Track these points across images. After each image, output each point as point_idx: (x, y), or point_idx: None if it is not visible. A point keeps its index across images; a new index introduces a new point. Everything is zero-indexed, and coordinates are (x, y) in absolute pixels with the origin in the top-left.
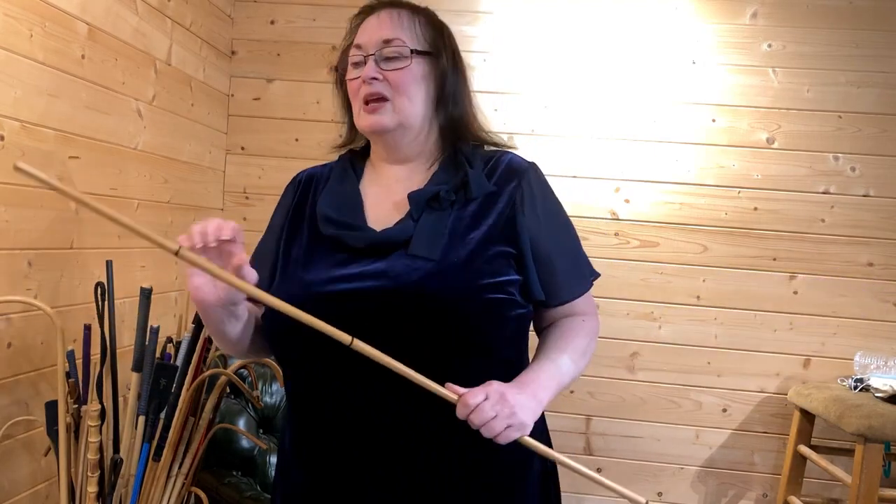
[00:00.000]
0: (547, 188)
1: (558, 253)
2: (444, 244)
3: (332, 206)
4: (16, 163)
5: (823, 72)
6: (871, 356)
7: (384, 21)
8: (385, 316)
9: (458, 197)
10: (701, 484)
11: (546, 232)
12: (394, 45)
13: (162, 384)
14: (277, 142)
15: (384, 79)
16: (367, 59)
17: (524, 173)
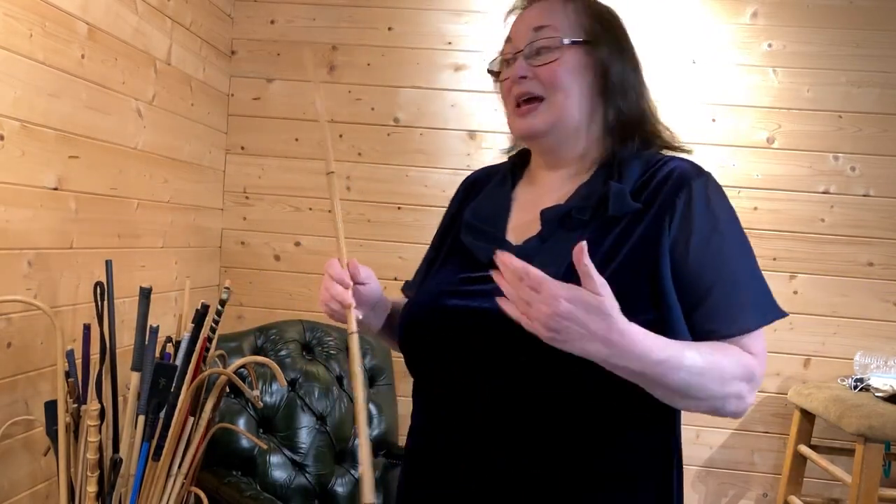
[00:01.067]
0: (714, 203)
1: (715, 278)
2: (564, 271)
3: (478, 213)
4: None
5: (823, 72)
6: (871, 356)
7: (534, 10)
8: (481, 339)
9: (597, 216)
10: (701, 484)
11: (699, 252)
12: (544, 33)
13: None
14: (277, 142)
15: (535, 76)
16: (517, 55)
17: (687, 185)
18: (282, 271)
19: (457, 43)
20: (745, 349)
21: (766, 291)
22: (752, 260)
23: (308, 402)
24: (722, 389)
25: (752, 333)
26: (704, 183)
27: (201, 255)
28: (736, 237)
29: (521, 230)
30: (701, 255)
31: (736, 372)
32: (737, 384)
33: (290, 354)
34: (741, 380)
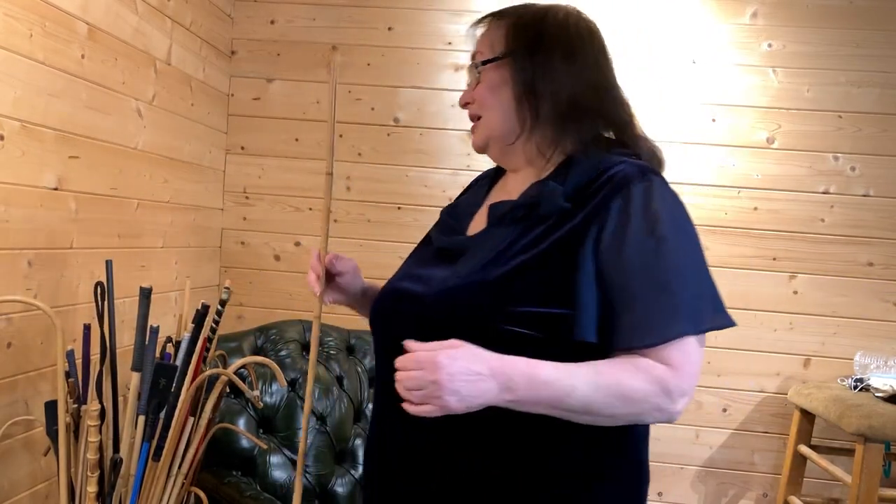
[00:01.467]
0: (655, 208)
1: (642, 286)
2: (485, 261)
3: (454, 209)
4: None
5: (823, 72)
6: (871, 356)
7: (476, 38)
8: (410, 320)
9: (532, 214)
10: (701, 484)
11: (628, 260)
12: (475, 60)
13: (161, 384)
14: (277, 142)
15: (472, 100)
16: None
17: (625, 189)
18: (282, 271)
19: (457, 43)
20: (663, 361)
21: (704, 298)
22: (690, 266)
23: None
24: (629, 408)
25: (676, 342)
26: (646, 187)
27: (201, 255)
28: (674, 242)
29: (477, 225)
30: (631, 262)
31: (643, 388)
32: (650, 399)
33: (290, 354)
34: (654, 395)
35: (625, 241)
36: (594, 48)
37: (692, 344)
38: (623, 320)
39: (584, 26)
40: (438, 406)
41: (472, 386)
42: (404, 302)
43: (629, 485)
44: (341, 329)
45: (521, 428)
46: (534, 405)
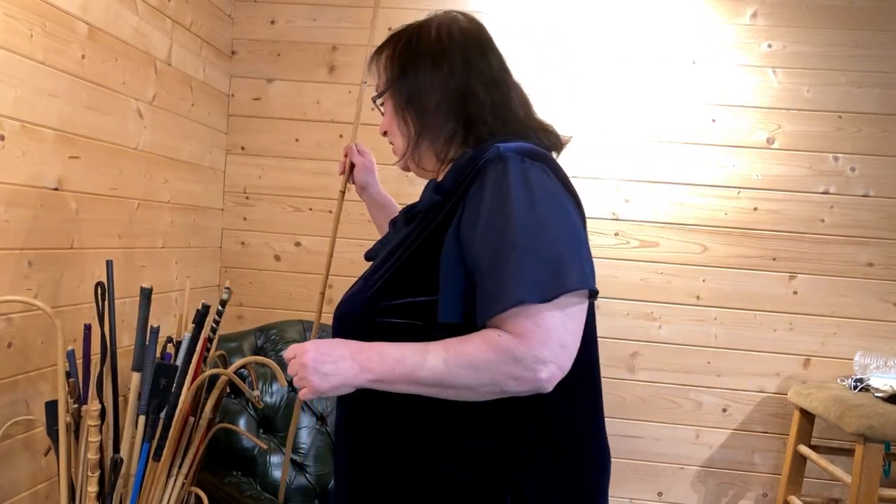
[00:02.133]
0: (509, 183)
1: (489, 261)
2: (377, 264)
3: (409, 210)
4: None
5: (823, 72)
6: (871, 356)
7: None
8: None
9: (415, 213)
10: (701, 484)
11: (480, 238)
12: (372, 96)
13: (162, 384)
14: (277, 142)
15: (385, 131)
16: None
17: (483, 171)
18: (282, 271)
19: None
20: (508, 329)
21: (552, 265)
22: (537, 236)
23: (308, 403)
24: (481, 377)
25: (520, 310)
26: (503, 166)
27: (201, 255)
28: (520, 215)
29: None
30: (482, 239)
31: (487, 356)
32: (499, 368)
33: None
34: (502, 363)
35: (478, 220)
36: (465, 49)
37: (544, 311)
38: (478, 295)
39: (455, 31)
40: (308, 387)
41: (334, 366)
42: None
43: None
44: None
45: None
46: (392, 382)
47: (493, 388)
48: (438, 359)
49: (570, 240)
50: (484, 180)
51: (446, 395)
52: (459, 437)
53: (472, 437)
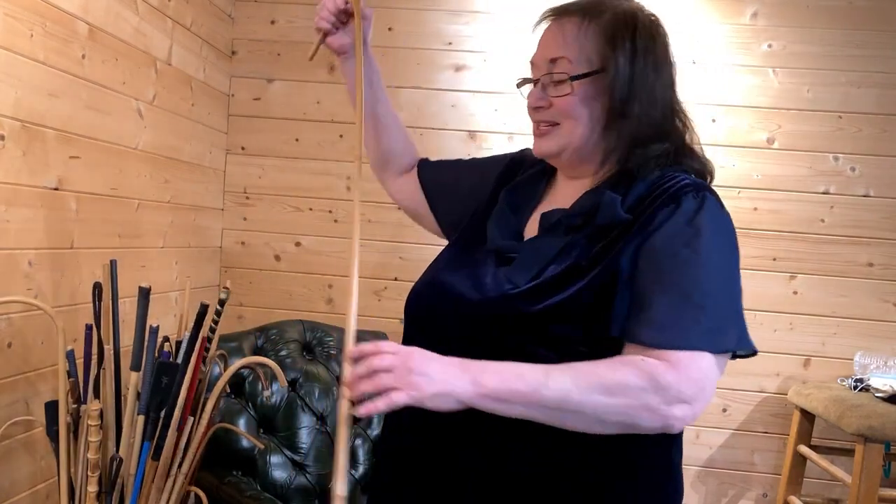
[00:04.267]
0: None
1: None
2: (534, 272)
3: (509, 200)
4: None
5: (823, 72)
6: (871, 356)
7: (551, 37)
8: (458, 319)
9: (588, 223)
10: (701, 484)
11: (659, 262)
12: (558, 66)
13: (164, 383)
14: (277, 142)
15: (549, 105)
16: (536, 83)
17: (677, 199)
18: (282, 271)
19: (457, 43)
20: (664, 359)
21: (729, 321)
22: (722, 286)
23: (308, 402)
24: (613, 403)
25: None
26: (699, 201)
27: (201, 255)
28: (709, 258)
29: (532, 229)
30: (661, 263)
31: (627, 380)
32: (637, 394)
33: (290, 354)
34: (642, 389)
35: (661, 243)
36: (671, 56)
37: (708, 360)
38: (640, 315)
39: (664, 31)
40: (408, 388)
41: (442, 371)
42: (450, 300)
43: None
44: (341, 329)
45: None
46: (508, 401)
47: (622, 419)
48: (565, 378)
49: (739, 299)
50: (677, 209)
51: (564, 423)
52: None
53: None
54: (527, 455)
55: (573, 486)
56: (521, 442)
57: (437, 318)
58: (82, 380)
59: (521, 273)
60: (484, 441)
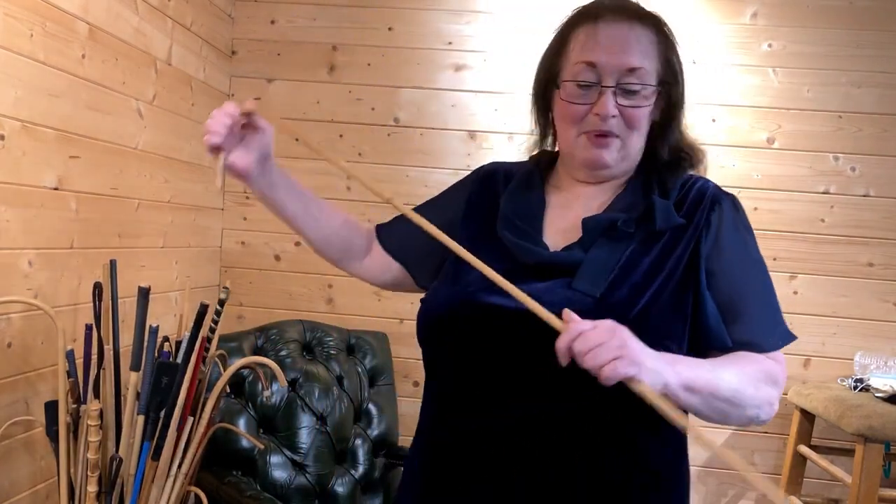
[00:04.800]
0: (742, 225)
1: (748, 292)
2: (610, 280)
3: (514, 210)
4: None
5: (823, 72)
6: (871, 356)
7: (630, 40)
8: (524, 344)
9: (640, 228)
10: (701, 484)
11: (731, 266)
12: (637, 76)
13: (164, 383)
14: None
15: (619, 115)
16: (604, 89)
17: (718, 205)
18: (282, 271)
19: (457, 43)
20: (771, 358)
21: (782, 316)
22: (772, 283)
23: (308, 402)
24: (757, 394)
25: (781, 352)
26: (733, 204)
27: (201, 255)
28: (761, 260)
29: (558, 236)
30: (736, 272)
31: (762, 377)
32: (767, 389)
33: (290, 354)
34: (768, 384)
35: (724, 254)
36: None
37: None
38: (737, 326)
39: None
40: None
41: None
42: (514, 322)
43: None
44: (341, 329)
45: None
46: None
47: (756, 413)
48: (731, 373)
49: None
50: (722, 216)
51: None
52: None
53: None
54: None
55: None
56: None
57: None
58: (82, 380)
59: (592, 283)
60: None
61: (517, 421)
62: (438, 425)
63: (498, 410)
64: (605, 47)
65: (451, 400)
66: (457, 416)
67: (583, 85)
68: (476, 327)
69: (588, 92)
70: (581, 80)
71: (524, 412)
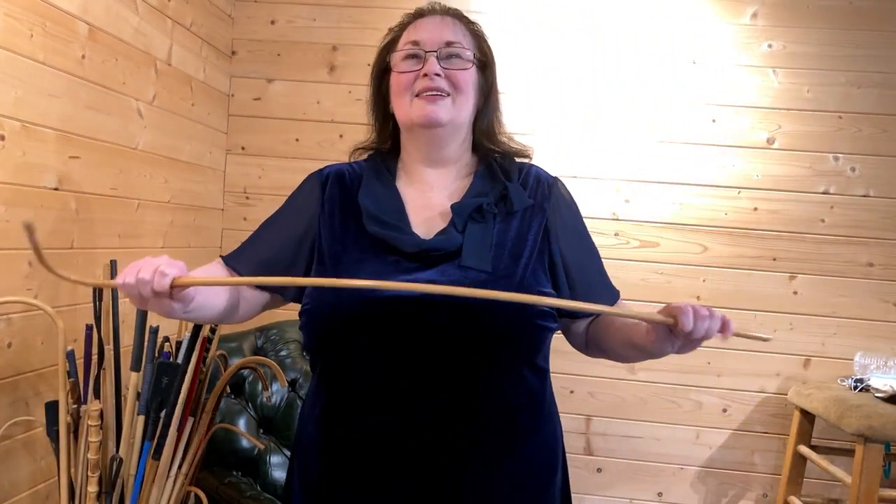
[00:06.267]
0: (574, 204)
1: (591, 269)
2: (491, 256)
3: (374, 204)
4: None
5: (823, 72)
6: (871, 356)
7: (445, 24)
8: (434, 323)
9: (500, 210)
10: (701, 484)
11: (577, 247)
12: (455, 47)
13: (164, 383)
14: (277, 142)
15: (445, 77)
16: (428, 54)
17: (552, 187)
18: None
19: None
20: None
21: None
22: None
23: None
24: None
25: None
26: (562, 186)
27: (201, 255)
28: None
29: (423, 224)
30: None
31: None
32: None
33: (290, 354)
34: None
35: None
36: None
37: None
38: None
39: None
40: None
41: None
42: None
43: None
44: None
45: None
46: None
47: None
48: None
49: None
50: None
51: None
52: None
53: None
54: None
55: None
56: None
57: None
58: (82, 380)
59: (480, 259)
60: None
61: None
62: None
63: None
64: (426, 29)
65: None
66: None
67: (410, 56)
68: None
69: (415, 62)
70: (406, 51)
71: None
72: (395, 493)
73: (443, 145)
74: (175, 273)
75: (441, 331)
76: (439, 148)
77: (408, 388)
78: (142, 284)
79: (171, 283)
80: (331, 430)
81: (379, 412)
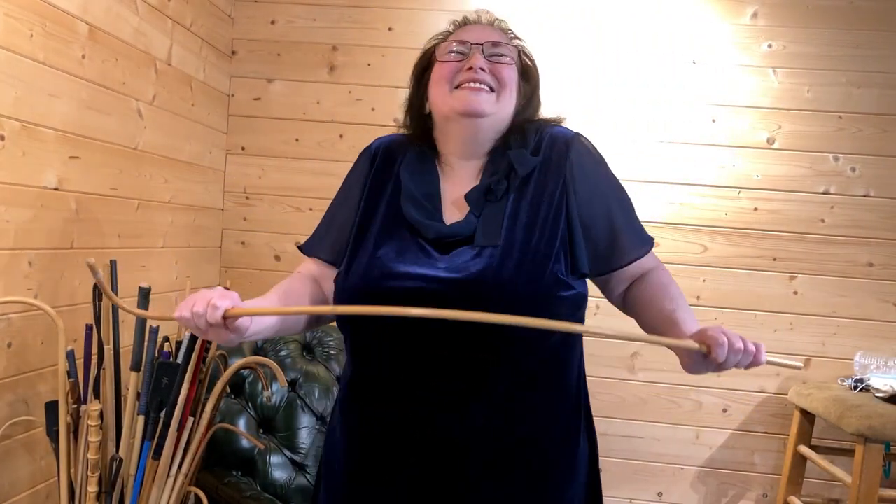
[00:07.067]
0: (596, 155)
1: (617, 221)
2: (504, 228)
3: (417, 188)
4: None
5: (823, 72)
6: (871, 356)
7: (492, 29)
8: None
9: (511, 182)
10: (701, 484)
11: (600, 201)
12: (501, 48)
13: (164, 383)
14: (277, 142)
15: (490, 71)
16: (474, 48)
17: (571, 144)
18: (282, 271)
19: None
20: (654, 262)
21: (641, 224)
22: (630, 200)
23: (308, 403)
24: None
25: (651, 253)
26: (584, 141)
27: (201, 255)
28: (619, 182)
29: (449, 212)
30: (599, 198)
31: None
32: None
33: (290, 355)
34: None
35: (590, 182)
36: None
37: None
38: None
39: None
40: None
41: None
42: (434, 298)
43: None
44: None
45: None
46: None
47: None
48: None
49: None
50: (578, 151)
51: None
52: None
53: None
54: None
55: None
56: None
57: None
58: (82, 380)
59: (491, 237)
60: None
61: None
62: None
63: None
64: (473, 31)
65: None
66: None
67: (455, 51)
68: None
69: (460, 56)
70: (453, 47)
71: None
72: (399, 486)
73: (479, 138)
74: (227, 305)
75: (453, 323)
76: (475, 140)
77: (416, 379)
78: (196, 318)
79: (224, 315)
80: (346, 418)
81: (385, 405)
